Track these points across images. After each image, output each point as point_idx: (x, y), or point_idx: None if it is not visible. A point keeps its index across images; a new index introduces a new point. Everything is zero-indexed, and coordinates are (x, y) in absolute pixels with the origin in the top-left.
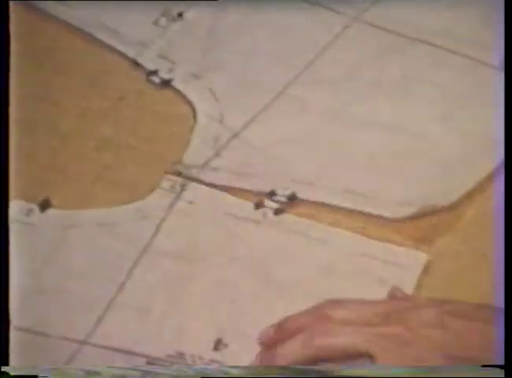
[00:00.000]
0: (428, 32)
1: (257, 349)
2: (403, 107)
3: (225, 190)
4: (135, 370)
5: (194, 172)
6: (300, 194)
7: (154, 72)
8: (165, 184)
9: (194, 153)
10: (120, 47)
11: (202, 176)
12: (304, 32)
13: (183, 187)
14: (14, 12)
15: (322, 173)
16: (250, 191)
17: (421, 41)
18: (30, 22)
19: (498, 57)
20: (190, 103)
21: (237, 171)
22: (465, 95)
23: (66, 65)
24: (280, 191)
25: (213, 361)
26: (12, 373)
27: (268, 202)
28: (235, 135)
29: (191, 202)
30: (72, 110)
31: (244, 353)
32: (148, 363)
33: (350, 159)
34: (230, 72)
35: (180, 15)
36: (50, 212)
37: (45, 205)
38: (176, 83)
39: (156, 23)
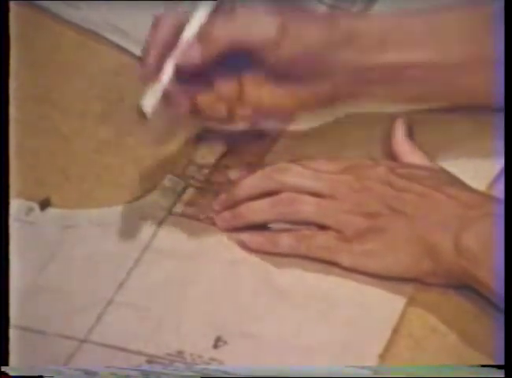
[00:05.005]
0: None
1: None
2: None
3: None
4: (134, 370)
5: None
6: None
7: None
8: (167, 184)
9: (204, 151)
10: (127, 46)
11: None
12: None
13: (184, 189)
14: (14, 12)
15: None
16: None
17: None
18: (30, 22)
19: None
20: None
21: None
22: None
23: (67, 66)
24: None
25: (212, 359)
26: (11, 373)
27: None
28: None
29: (196, 204)
30: (73, 111)
31: (244, 350)
32: (148, 361)
33: None
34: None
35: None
36: (50, 211)
37: (45, 204)
38: None
39: None
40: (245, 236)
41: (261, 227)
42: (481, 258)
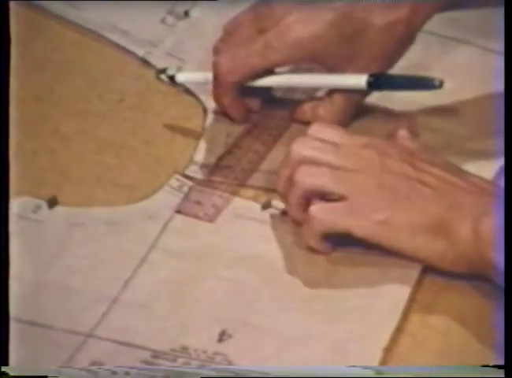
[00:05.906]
0: None
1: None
2: None
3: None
4: (135, 370)
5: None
6: None
7: (163, 71)
8: (173, 183)
9: (204, 151)
10: (128, 46)
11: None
12: None
13: (190, 189)
14: (14, 12)
15: None
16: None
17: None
18: (30, 22)
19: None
20: (194, 102)
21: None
22: None
23: (67, 66)
24: None
25: (217, 353)
26: (12, 373)
27: (275, 203)
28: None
29: (198, 203)
30: (74, 111)
31: (249, 343)
32: (152, 357)
33: None
34: None
35: (187, 13)
36: (58, 209)
37: (53, 202)
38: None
39: (163, 21)
40: None
41: None
42: (498, 244)
